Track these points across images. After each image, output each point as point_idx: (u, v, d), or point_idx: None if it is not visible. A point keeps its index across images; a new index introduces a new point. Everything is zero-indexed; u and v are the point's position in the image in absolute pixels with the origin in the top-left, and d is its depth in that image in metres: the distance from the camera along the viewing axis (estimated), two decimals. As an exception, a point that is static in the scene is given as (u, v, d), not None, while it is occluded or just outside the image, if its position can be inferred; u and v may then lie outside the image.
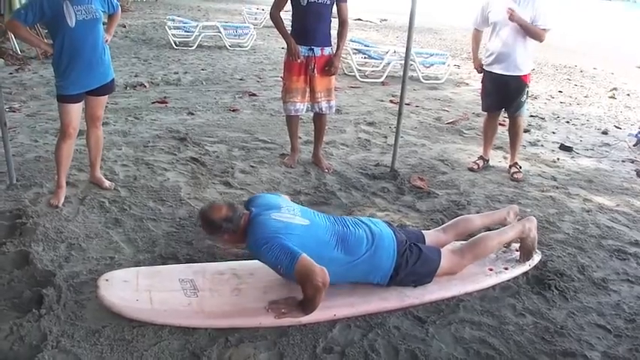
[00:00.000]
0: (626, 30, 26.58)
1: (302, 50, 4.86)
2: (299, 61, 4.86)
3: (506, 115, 5.48)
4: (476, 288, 3.30)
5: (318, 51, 4.88)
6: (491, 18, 5.14)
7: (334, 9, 4.88)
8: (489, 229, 3.84)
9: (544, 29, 4.94)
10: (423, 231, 3.57)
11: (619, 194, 5.15)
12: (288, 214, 3.00)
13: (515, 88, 5.16)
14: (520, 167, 5.47)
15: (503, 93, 5.23)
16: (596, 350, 2.85)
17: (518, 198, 4.83)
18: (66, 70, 3.94)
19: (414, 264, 3.12)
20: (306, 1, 4.69)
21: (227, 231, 2.96)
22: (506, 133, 5.59)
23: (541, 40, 5.00)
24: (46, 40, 4.29)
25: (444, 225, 3.71)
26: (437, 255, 3.24)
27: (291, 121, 5.23)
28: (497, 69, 5.18)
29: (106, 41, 4.17)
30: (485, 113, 5.61)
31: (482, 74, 5.47)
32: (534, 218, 3.63)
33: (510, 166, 5.48)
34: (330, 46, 4.98)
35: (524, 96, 5.22)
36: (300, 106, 5.08)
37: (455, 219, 3.75)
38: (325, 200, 4.55)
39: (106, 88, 4.24)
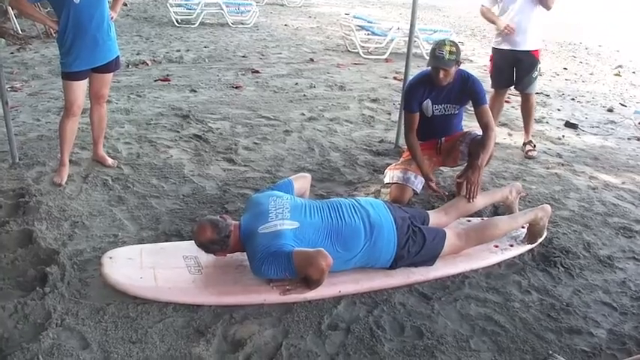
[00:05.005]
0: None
1: None
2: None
3: (511, 92, 5.43)
4: (481, 265, 3.28)
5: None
6: None
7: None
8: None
9: None
10: (427, 211, 3.52)
11: (625, 172, 5.10)
12: (276, 220, 2.89)
13: (527, 64, 5.15)
14: (534, 145, 5.41)
15: (516, 69, 5.22)
16: (601, 328, 2.84)
17: (523, 175, 4.79)
18: (71, 47, 3.90)
19: (415, 254, 3.09)
20: (430, 113, 4.12)
21: (216, 250, 2.94)
22: (511, 110, 5.53)
23: (549, 7, 4.96)
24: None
25: (445, 205, 3.65)
26: (441, 240, 3.18)
27: None
28: (507, 46, 5.17)
29: (112, 18, 4.11)
30: (492, 90, 5.54)
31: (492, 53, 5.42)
32: (549, 207, 3.57)
33: (525, 144, 5.42)
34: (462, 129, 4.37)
35: (536, 72, 5.20)
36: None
37: (456, 199, 3.71)
38: (329, 176, 4.52)
39: (111, 66, 4.18)
